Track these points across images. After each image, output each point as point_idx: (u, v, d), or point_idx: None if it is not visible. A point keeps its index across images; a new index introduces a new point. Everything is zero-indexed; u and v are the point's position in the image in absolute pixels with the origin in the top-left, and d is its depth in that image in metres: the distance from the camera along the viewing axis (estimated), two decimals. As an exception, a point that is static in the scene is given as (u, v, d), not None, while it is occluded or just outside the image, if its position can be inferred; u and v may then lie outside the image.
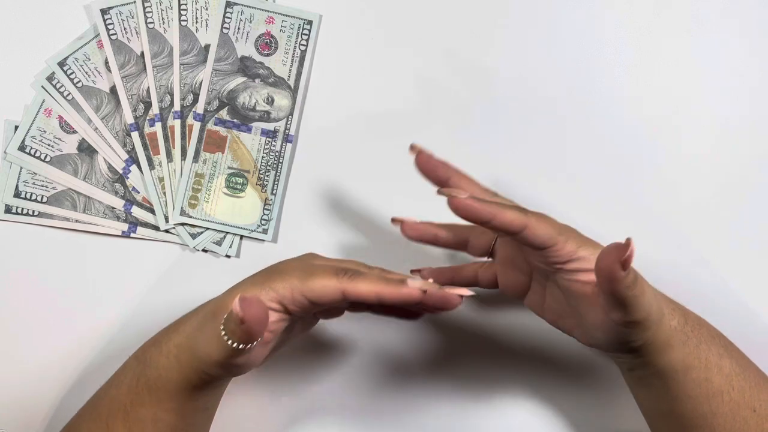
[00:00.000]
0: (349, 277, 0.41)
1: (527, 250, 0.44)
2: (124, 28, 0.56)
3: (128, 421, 0.45)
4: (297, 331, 0.48)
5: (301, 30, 0.57)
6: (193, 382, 0.44)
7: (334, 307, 0.47)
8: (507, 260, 0.48)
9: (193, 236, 0.56)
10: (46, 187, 0.56)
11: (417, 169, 0.45)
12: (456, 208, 0.40)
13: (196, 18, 0.56)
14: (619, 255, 0.37)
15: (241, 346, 0.40)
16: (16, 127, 0.55)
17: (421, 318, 0.46)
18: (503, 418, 0.56)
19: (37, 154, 0.56)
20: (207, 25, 0.56)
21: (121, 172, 0.56)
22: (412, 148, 0.45)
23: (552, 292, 0.46)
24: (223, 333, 0.40)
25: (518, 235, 0.41)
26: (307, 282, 0.41)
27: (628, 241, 0.37)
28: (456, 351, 0.56)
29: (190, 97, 0.56)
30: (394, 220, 0.49)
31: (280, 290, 0.41)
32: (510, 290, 0.48)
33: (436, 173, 0.44)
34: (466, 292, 0.41)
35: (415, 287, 0.40)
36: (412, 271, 0.50)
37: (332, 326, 0.56)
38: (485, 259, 0.49)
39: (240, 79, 0.57)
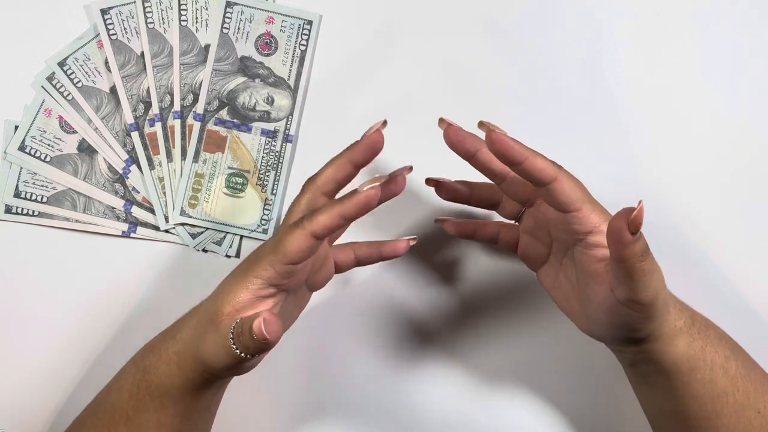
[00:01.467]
0: (307, 219, 0.41)
1: (551, 216, 0.44)
2: (124, 28, 0.56)
3: (131, 427, 0.45)
4: (291, 309, 0.47)
5: (301, 30, 0.57)
6: (197, 384, 0.44)
7: (321, 271, 0.47)
8: (531, 230, 0.48)
9: (193, 236, 0.56)
10: (46, 187, 0.56)
11: (446, 142, 0.44)
12: (491, 142, 0.40)
13: (196, 18, 0.56)
14: (627, 215, 0.36)
15: (248, 356, 0.40)
16: (16, 127, 0.56)
17: (407, 252, 0.49)
18: (503, 417, 0.56)
19: (37, 154, 0.56)
20: (207, 25, 0.56)
21: (121, 172, 0.56)
22: (441, 121, 0.45)
23: (566, 270, 0.46)
24: (233, 345, 0.40)
25: (546, 186, 0.41)
26: (278, 250, 0.41)
27: (640, 203, 0.36)
28: (456, 350, 0.56)
29: (190, 97, 0.56)
30: (428, 181, 0.50)
31: (263, 274, 0.41)
32: (528, 258, 0.48)
33: (465, 145, 0.44)
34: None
35: (365, 189, 0.41)
36: (437, 221, 0.51)
37: (333, 325, 0.56)
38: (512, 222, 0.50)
39: (240, 79, 0.57)
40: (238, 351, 0.40)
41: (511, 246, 0.49)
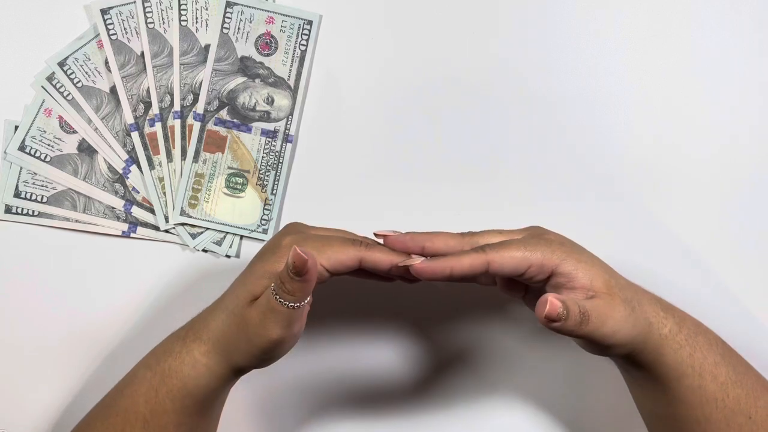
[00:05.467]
0: (365, 246, 0.43)
1: None
2: (124, 28, 0.56)
3: (149, 430, 0.45)
4: None
5: (301, 30, 0.57)
6: (223, 381, 0.45)
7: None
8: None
9: (193, 236, 0.56)
10: (46, 187, 0.56)
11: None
12: (417, 273, 0.42)
13: (196, 18, 0.56)
14: (541, 312, 0.39)
15: (297, 305, 0.41)
16: (16, 127, 0.55)
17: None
18: (503, 419, 0.57)
19: (37, 154, 0.56)
20: (207, 25, 0.56)
21: (121, 172, 0.56)
22: (376, 236, 0.46)
23: None
24: (276, 297, 0.41)
25: (487, 273, 0.42)
26: (325, 252, 0.43)
27: (544, 300, 0.39)
28: (453, 355, 0.57)
29: (190, 97, 0.56)
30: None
31: None
32: (508, 293, 0.49)
33: (407, 248, 0.45)
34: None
35: (419, 261, 0.43)
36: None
37: (333, 330, 0.56)
38: None
39: (240, 79, 0.57)
40: (283, 301, 0.41)
41: (490, 284, 0.49)
